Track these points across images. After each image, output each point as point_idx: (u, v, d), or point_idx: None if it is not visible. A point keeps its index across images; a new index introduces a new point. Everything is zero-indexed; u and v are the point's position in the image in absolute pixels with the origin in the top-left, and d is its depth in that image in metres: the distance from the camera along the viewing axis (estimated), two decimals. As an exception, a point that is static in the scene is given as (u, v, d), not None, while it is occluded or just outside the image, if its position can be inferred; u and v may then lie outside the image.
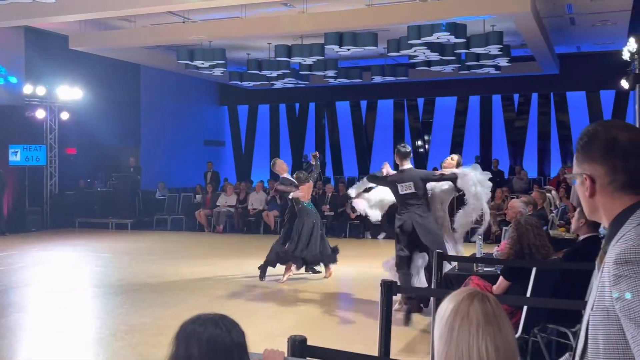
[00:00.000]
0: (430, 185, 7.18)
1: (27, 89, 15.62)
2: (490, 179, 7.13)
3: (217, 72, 16.42)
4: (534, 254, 4.96)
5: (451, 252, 6.92)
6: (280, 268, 9.38)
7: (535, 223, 5.12)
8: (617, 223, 1.56)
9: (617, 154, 1.55)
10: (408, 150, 7.27)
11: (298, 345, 2.35)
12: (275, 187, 10.15)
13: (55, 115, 16.71)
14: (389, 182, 7.18)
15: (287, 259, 9.18)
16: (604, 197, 1.59)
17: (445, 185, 7.16)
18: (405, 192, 7.01)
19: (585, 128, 1.62)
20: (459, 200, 7.87)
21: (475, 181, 6.92)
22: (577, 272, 4.87)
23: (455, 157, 7.41)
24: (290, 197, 9.26)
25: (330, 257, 9.44)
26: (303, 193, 9.18)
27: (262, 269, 9.35)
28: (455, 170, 7.12)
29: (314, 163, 9.75)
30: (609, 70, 16.56)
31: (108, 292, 8.55)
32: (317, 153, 9.91)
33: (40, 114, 16.22)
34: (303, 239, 9.04)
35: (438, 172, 7.38)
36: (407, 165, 7.19)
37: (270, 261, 9.28)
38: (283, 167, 9.70)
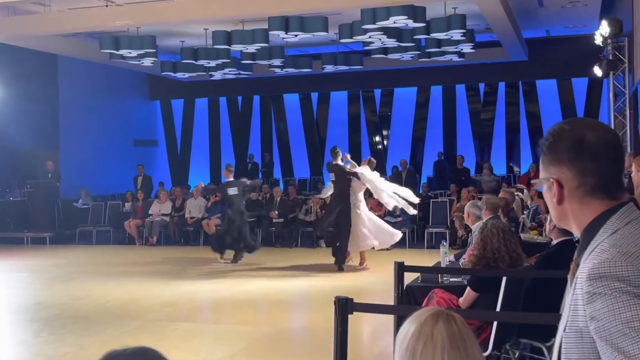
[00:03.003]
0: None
1: None
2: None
3: (147, 62, 16.19)
4: (499, 260, 5.02)
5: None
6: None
7: (503, 227, 5.18)
8: (589, 232, 1.57)
9: (585, 154, 1.56)
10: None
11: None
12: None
13: (-43, 114, 16.18)
14: None
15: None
16: (573, 203, 1.60)
17: None
18: None
19: (551, 127, 1.64)
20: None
21: None
22: (551, 280, 4.96)
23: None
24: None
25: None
26: None
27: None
28: None
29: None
30: (580, 56, 17.01)
31: (24, 317, 8.32)
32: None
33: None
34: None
35: None
36: None
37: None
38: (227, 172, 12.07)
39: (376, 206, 13.24)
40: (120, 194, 18.26)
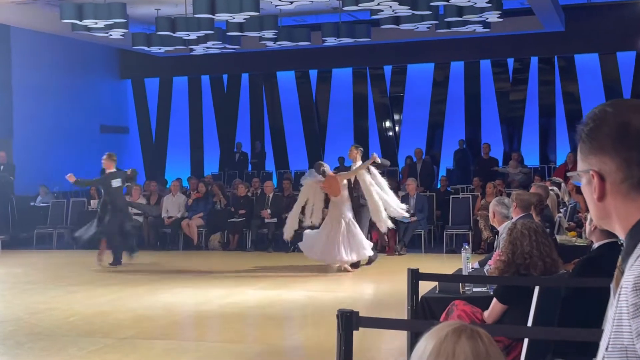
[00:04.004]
0: None
1: None
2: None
3: (116, 34, 16.18)
4: (530, 267, 5.04)
5: None
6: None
7: (535, 227, 5.20)
8: (636, 234, 1.58)
9: (631, 142, 1.57)
10: None
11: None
12: None
13: None
14: None
15: None
16: (616, 199, 1.61)
17: None
18: None
19: (591, 111, 1.64)
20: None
21: None
22: (592, 289, 4.97)
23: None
24: None
25: None
26: None
27: None
28: None
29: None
30: (627, 26, 17.01)
31: (-28, 335, 8.35)
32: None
33: None
34: None
35: None
36: None
37: None
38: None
39: None
40: (85, 191, 18.26)
